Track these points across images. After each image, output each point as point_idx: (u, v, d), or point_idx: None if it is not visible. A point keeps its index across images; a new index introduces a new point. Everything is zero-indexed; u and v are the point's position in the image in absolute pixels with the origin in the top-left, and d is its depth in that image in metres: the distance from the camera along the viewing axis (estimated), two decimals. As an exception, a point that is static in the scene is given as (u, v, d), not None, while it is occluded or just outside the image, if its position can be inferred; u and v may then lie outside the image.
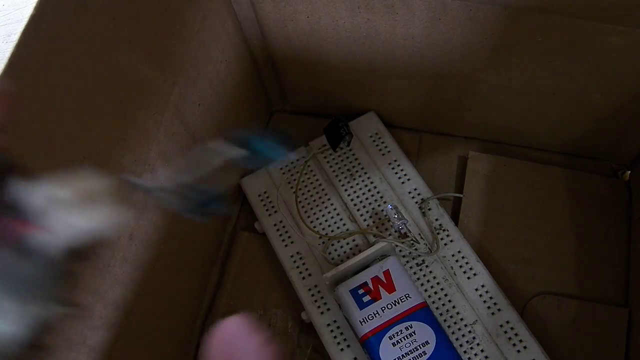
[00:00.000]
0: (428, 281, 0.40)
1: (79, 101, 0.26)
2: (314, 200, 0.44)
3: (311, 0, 0.37)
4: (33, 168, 0.24)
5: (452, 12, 0.35)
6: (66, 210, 0.16)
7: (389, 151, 0.45)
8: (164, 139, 0.33)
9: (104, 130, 0.28)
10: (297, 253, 0.42)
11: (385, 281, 0.38)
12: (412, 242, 0.41)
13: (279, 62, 0.45)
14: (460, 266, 0.40)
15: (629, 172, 0.45)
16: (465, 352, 0.37)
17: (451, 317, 0.38)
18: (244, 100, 0.45)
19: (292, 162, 0.45)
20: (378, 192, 0.43)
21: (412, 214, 0.42)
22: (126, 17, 0.29)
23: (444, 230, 0.42)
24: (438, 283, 0.40)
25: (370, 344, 0.36)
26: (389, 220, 0.42)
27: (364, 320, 0.36)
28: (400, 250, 0.41)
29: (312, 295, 0.40)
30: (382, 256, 0.39)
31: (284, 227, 0.43)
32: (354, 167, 0.45)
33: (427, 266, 0.40)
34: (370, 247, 0.40)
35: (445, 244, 0.41)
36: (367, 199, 0.43)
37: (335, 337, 0.39)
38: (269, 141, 0.18)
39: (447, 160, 0.47)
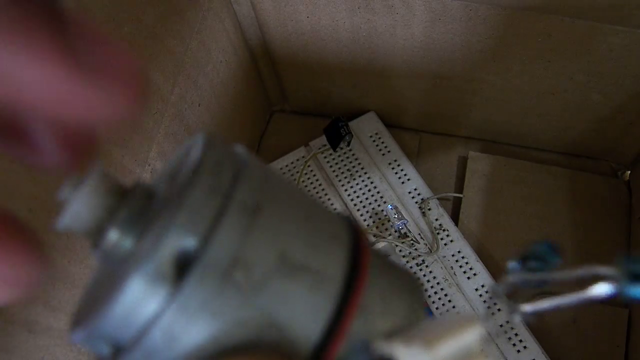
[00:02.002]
0: (428, 281, 0.40)
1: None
2: (314, 200, 0.44)
3: (311, 0, 0.37)
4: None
5: (452, 12, 0.35)
6: None
7: (389, 151, 0.45)
8: (164, 139, 0.33)
9: (104, 130, 0.28)
10: (297, 253, 0.42)
11: (385, 281, 0.38)
12: (412, 242, 0.41)
13: (279, 62, 0.45)
14: (460, 266, 0.40)
15: (629, 172, 0.45)
16: (465, 352, 0.37)
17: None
18: (244, 100, 0.45)
19: (292, 162, 0.45)
20: (378, 192, 0.43)
21: (412, 214, 0.42)
22: (126, 17, 0.29)
23: (444, 230, 0.42)
24: (438, 283, 0.40)
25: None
26: (389, 220, 0.42)
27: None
28: (400, 250, 0.41)
29: (312, 295, 0.40)
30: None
31: (284, 227, 0.43)
32: (354, 167, 0.45)
33: (427, 266, 0.40)
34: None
35: (445, 244, 0.41)
36: (367, 199, 0.43)
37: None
38: None
39: (447, 160, 0.47)
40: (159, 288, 0.11)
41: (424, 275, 0.40)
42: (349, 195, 0.43)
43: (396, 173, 0.44)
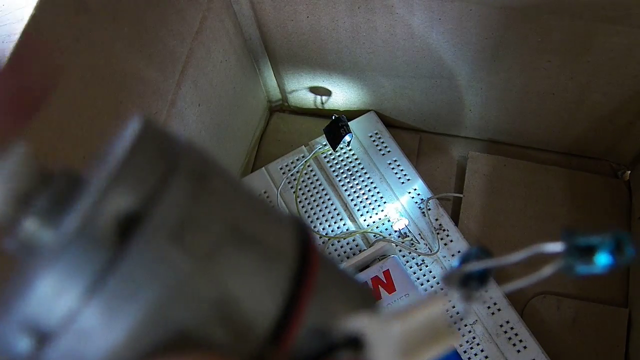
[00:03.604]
0: (428, 281, 0.40)
1: (79, 101, 0.26)
2: (314, 200, 0.44)
3: (311, 0, 0.37)
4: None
5: (451, 12, 0.35)
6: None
7: (389, 151, 0.45)
8: (164, 139, 0.33)
9: (104, 130, 0.28)
10: (297, 253, 0.42)
11: (385, 281, 0.38)
12: (412, 242, 0.41)
13: (279, 62, 0.45)
14: (460, 266, 0.40)
15: (629, 172, 0.45)
16: (465, 352, 0.37)
17: (451, 317, 0.38)
18: (244, 100, 0.45)
19: (292, 162, 0.45)
20: (378, 192, 0.43)
21: (412, 214, 0.42)
22: (126, 17, 0.29)
23: (444, 230, 0.42)
24: (438, 283, 0.40)
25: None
26: (389, 220, 0.42)
27: (364, 320, 0.36)
28: (400, 250, 0.41)
29: (312, 295, 0.40)
30: (382, 256, 0.39)
31: (284, 227, 0.43)
32: (354, 167, 0.45)
33: (427, 266, 0.40)
34: (370, 247, 0.40)
35: (445, 244, 0.41)
36: (367, 199, 0.43)
37: (335, 337, 0.39)
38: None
39: (447, 160, 0.47)
40: (98, 252, 0.10)
41: (424, 275, 0.40)
42: (348, 195, 0.43)
43: (396, 173, 0.44)
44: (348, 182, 0.44)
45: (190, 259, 0.10)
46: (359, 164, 0.45)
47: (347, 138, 0.44)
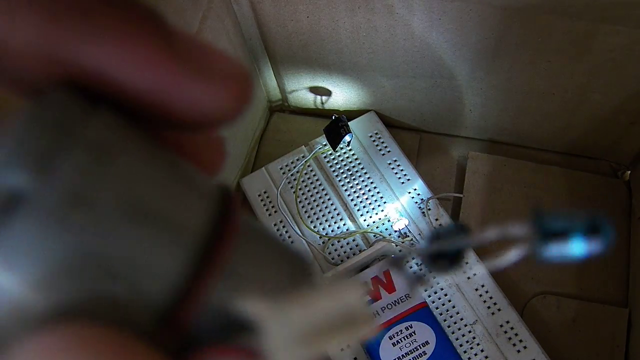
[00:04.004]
0: (428, 281, 0.40)
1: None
2: (314, 200, 0.44)
3: (311, 0, 0.37)
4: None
5: (451, 12, 0.35)
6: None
7: (389, 151, 0.45)
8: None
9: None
10: (297, 253, 0.42)
11: (385, 281, 0.38)
12: (412, 242, 0.41)
13: (279, 62, 0.45)
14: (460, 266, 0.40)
15: (629, 172, 0.45)
16: (465, 352, 0.37)
17: (451, 317, 0.38)
18: (244, 100, 0.45)
19: (292, 162, 0.45)
20: (378, 192, 0.43)
21: (412, 214, 0.42)
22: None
23: (444, 230, 0.42)
24: (438, 283, 0.40)
25: (370, 344, 0.36)
26: (389, 220, 0.42)
27: (363, 320, 0.36)
28: (400, 251, 0.41)
29: (312, 295, 0.40)
30: (382, 256, 0.39)
31: (284, 227, 0.43)
32: (354, 167, 0.45)
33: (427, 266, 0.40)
34: (370, 247, 0.40)
35: (445, 244, 0.41)
36: (367, 199, 0.43)
37: (335, 337, 0.39)
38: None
39: (447, 160, 0.47)
40: None
41: (424, 275, 0.40)
42: (348, 195, 0.43)
43: (396, 173, 0.44)
44: (348, 182, 0.44)
45: (77, 238, 0.10)
46: (359, 164, 0.45)
47: (347, 138, 0.44)
